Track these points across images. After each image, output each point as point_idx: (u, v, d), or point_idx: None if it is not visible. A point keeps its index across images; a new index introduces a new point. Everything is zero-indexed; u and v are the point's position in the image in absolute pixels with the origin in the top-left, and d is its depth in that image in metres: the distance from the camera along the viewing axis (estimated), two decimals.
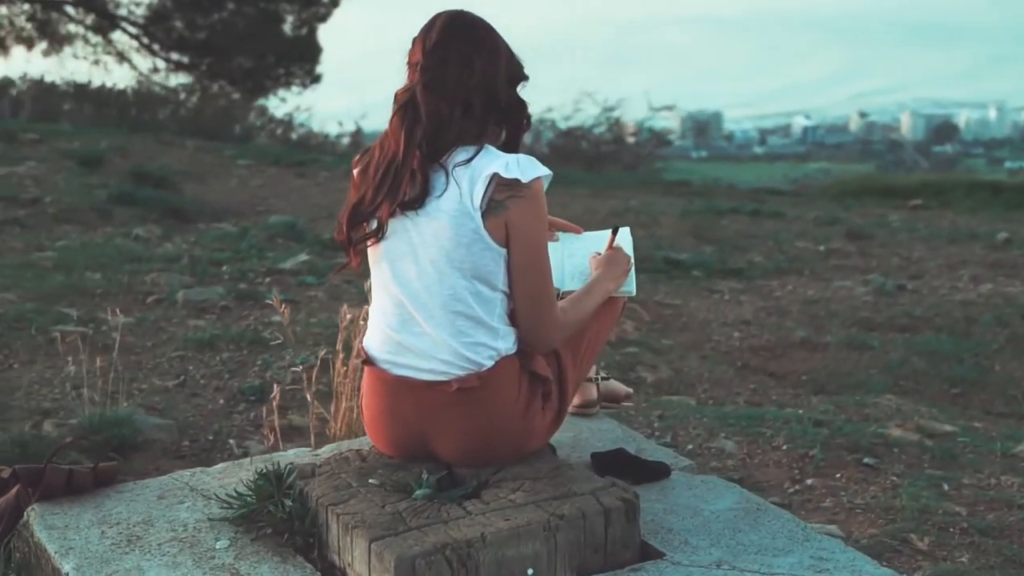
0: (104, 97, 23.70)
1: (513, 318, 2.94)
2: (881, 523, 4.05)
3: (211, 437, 4.70)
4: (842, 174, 30.91)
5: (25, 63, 24.06)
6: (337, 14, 23.16)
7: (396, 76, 2.98)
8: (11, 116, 20.34)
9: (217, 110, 23.69)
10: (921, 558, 3.78)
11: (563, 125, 23.97)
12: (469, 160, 2.86)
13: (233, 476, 3.24)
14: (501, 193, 2.83)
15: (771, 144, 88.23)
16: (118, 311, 5.84)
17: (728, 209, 13.18)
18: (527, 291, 2.90)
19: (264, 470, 2.97)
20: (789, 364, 6.93)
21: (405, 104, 2.90)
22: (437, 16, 2.91)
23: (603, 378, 3.70)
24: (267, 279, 7.53)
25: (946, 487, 4.42)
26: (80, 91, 23.74)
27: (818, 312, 8.28)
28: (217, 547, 2.81)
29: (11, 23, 23.96)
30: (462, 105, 2.87)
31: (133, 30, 23.76)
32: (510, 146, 3.02)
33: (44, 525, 2.92)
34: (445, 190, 2.85)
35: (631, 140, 24.98)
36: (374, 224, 2.91)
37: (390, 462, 3.02)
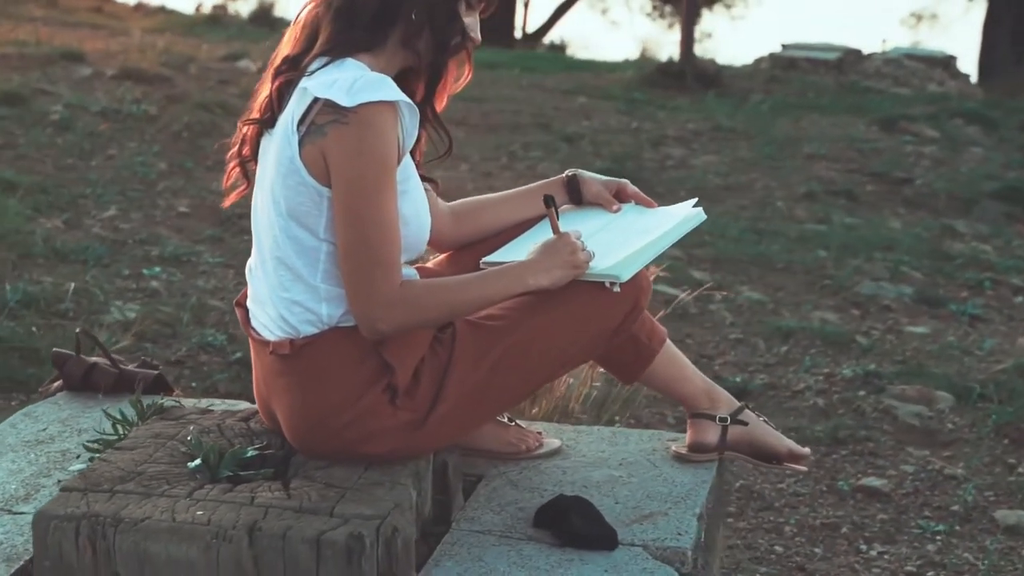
0: None
1: None
2: None
3: None
4: None
5: None
6: None
7: None
8: None
9: None
10: None
11: None
12: (313, 72, 2.31)
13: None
14: (324, 116, 2.26)
15: None
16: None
17: None
18: (343, 245, 2.28)
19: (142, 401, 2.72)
20: None
21: (297, 13, 2.45)
22: None
23: (732, 420, 2.66)
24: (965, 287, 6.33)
25: None
26: None
27: None
28: (71, 468, 2.66)
29: None
30: (337, 6, 2.33)
31: None
32: (433, 70, 2.40)
33: (25, 412, 2.98)
34: (286, 108, 2.34)
35: None
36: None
37: (255, 429, 2.56)
